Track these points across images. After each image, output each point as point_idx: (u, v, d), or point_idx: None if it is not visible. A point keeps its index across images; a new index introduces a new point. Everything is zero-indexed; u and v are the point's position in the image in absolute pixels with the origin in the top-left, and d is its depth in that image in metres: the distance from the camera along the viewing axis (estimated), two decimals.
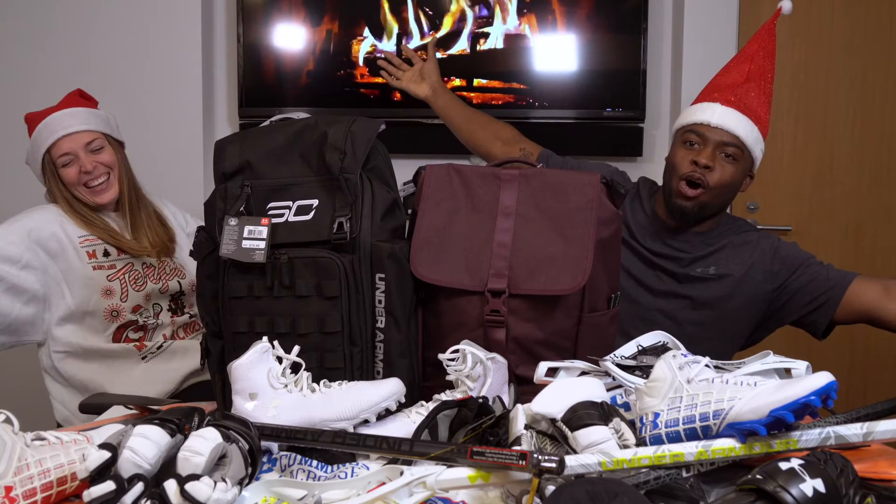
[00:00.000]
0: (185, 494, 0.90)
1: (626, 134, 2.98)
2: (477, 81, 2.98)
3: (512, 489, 1.01)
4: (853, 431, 1.06)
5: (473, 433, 1.13)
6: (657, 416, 1.08)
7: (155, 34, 2.97)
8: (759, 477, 0.88)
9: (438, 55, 2.93)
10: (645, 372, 1.25)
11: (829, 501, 0.86)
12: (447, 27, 2.96)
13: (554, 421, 1.07)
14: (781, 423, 1.01)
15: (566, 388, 1.12)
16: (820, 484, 0.87)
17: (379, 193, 1.36)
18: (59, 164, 1.93)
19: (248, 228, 1.33)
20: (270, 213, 1.35)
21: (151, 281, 1.96)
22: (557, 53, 2.97)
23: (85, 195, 1.94)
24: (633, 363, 1.31)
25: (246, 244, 1.32)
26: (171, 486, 0.91)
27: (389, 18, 2.97)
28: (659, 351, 1.33)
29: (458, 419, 1.16)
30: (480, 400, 1.19)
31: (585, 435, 1.03)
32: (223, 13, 3.08)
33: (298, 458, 1.12)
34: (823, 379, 1.02)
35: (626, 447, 1.04)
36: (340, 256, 1.31)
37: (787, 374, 1.20)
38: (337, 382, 1.24)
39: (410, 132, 2.84)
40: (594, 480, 0.93)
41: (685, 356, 1.14)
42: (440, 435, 1.14)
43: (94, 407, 1.53)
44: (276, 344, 1.25)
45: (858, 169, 2.99)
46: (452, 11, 2.95)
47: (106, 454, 0.94)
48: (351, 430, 1.16)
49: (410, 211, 1.47)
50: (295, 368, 1.24)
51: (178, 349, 1.98)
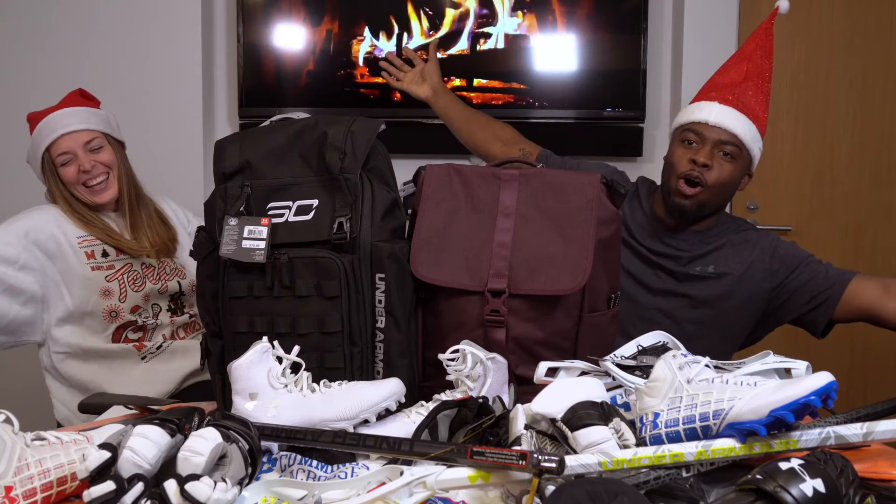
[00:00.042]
0: (185, 494, 0.90)
1: (625, 134, 2.98)
2: (477, 81, 2.98)
3: (512, 489, 1.01)
4: (853, 431, 1.06)
5: (473, 433, 1.13)
6: (657, 416, 1.08)
7: (155, 34, 2.97)
8: (759, 477, 0.88)
9: (439, 55, 2.93)
10: (645, 372, 1.25)
11: (829, 501, 0.86)
12: (447, 27, 2.96)
13: (554, 421, 1.07)
14: (781, 423, 1.01)
15: (566, 388, 1.12)
16: (820, 484, 0.87)
17: (379, 193, 1.36)
18: (58, 162, 1.93)
19: (248, 228, 1.33)
20: (270, 213, 1.35)
21: (150, 281, 1.96)
22: (557, 53, 2.97)
23: (84, 194, 1.94)
24: (633, 363, 1.31)
25: (246, 244, 1.32)
26: (171, 486, 0.91)
27: (389, 18, 2.97)
28: (659, 351, 1.33)
29: (458, 419, 1.16)
30: (480, 400, 1.19)
31: (585, 435, 1.03)
32: (223, 13, 3.08)
33: (298, 458, 1.12)
34: (823, 379, 1.02)
35: (626, 447, 1.04)
36: (340, 256, 1.31)
37: (787, 374, 1.20)
38: (337, 382, 1.24)
39: (410, 132, 2.84)
40: (594, 480, 0.93)
41: (685, 356, 1.14)
42: (440, 435, 1.14)
43: (93, 407, 1.53)
44: (276, 344, 1.25)
45: (858, 169, 2.99)
46: (452, 12, 2.96)
47: (106, 454, 0.94)
48: (351, 430, 1.16)
49: (410, 211, 1.47)
50: (295, 368, 1.24)
51: (177, 349, 1.98)
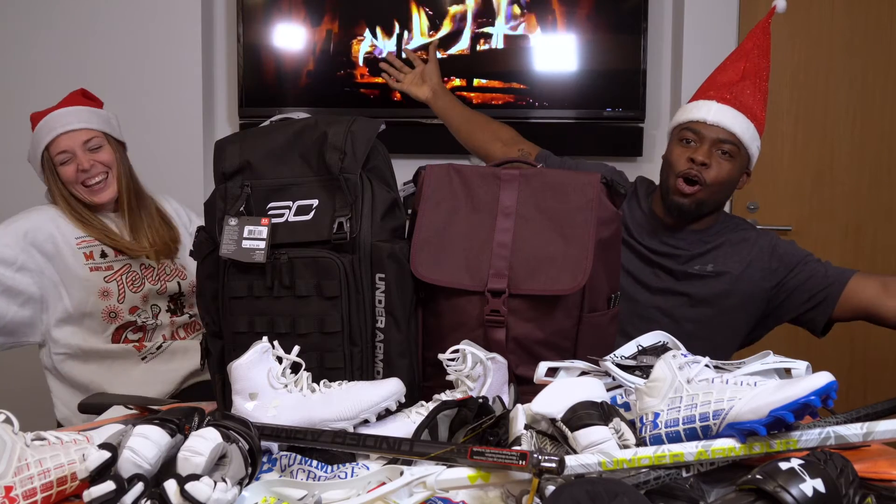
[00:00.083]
0: (185, 494, 0.90)
1: (626, 134, 2.98)
2: (477, 81, 2.98)
3: (512, 489, 1.01)
4: (853, 431, 1.06)
5: (473, 433, 1.13)
6: (657, 416, 1.08)
7: (155, 34, 2.97)
8: (759, 477, 0.88)
9: (438, 55, 2.93)
10: (645, 372, 1.25)
11: (829, 501, 0.86)
12: (447, 27, 2.96)
13: (554, 421, 1.07)
14: (781, 423, 1.01)
15: (566, 388, 1.12)
16: (820, 484, 0.87)
17: (379, 193, 1.36)
18: (56, 161, 1.92)
19: (248, 228, 1.33)
20: (270, 213, 1.35)
21: (149, 282, 1.96)
22: (557, 53, 2.97)
23: (83, 194, 1.93)
24: (633, 363, 1.31)
25: (246, 244, 1.32)
26: (171, 486, 0.91)
27: (389, 18, 2.97)
28: (659, 351, 1.33)
29: (458, 419, 1.15)
30: (480, 400, 1.19)
31: (585, 435, 1.03)
32: (223, 13, 3.08)
33: (298, 458, 1.12)
34: (823, 379, 1.02)
35: (626, 447, 1.04)
36: (340, 256, 1.31)
37: (787, 374, 1.20)
38: (337, 382, 1.24)
39: (410, 132, 2.84)
40: (594, 480, 0.93)
41: (685, 356, 1.14)
42: (440, 435, 1.14)
43: (93, 407, 1.53)
44: (276, 344, 1.25)
45: (858, 169, 2.99)
46: (452, 11, 2.96)
47: (106, 454, 0.94)
48: (351, 430, 1.16)
49: (410, 211, 1.47)
50: (295, 368, 1.24)
51: (177, 349, 1.97)
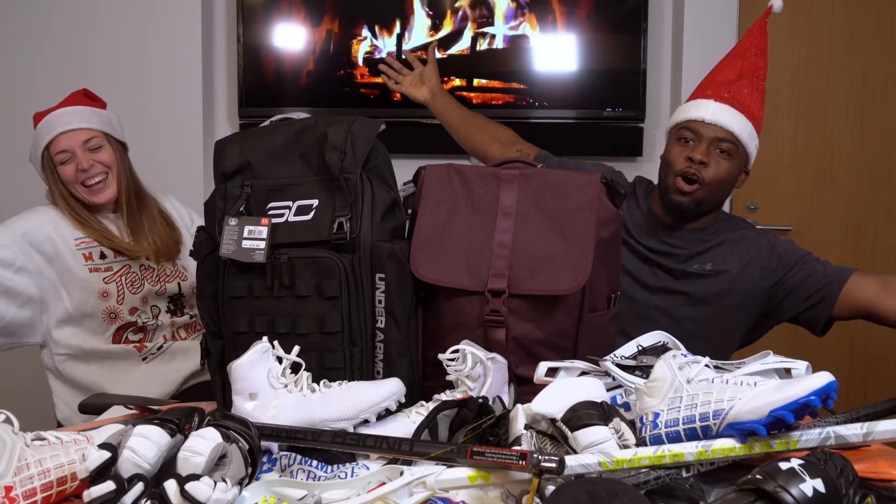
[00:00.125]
0: (185, 494, 0.90)
1: (625, 134, 2.98)
2: (477, 81, 2.98)
3: (512, 489, 1.01)
4: (853, 431, 1.06)
5: (473, 433, 1.13)
6: (657, 416, 1.08)
7: (155, 34, 2.97)
8: (759, 477, 0.88)
9: (438, 55, 2.94)
10: (645, 372, 1.25)
11: (829, 501, 0.86)
12: (447, 27, 2.96)
13: (554, 421, 1.07)
14: (781, 423, 1.01)
15: (566, 388, 1.12)
16: (820, 484, 0.87)
17: (379, 193, 1.36)
18: (56, 161, 1.92)
19: (248, 228, 1.33)
20: (270, 213, 1.35)
21: (149, 283, 1.95)
22: (557, 53, 2.97)
23: (82, 194, 1.93)
24: (633, 363, 1.31)
25: (246, 244, 1.32)
26: (171, 486, 0.91)
27: (389, 18, 2.97)
28: (659, 351, 1.33)
29: (458, 419, 1.15)
30: (480, 400, 1.19)
31: (585, 435, 1.03)
32: (223, 13, 3.08)
33: (298, 458, 1.12)
34: (823, 379, 1.02)
35: (626, 447, 1.04)
36: (340, 256, 1.31)
37: (787, 374, 1.20)
38: (337, 382, 1.24)
39: (410, 132, 2.84)
40: (594, 480, 0.93)
41: (685, 356, 1.14)
42: (440, 435, 1.14)
43: (93, 407, 1.53)
44: (276, 344, 1.25)
45: (858, 169, 2.99)
46: (452, 11, 2.96)
47: (106, 454, 0.94)
48: (351, 430, 1.16)
49: (410, 211, 1.47)
50: (295, 368, 1.24)
51: (178, 350, 1.97)
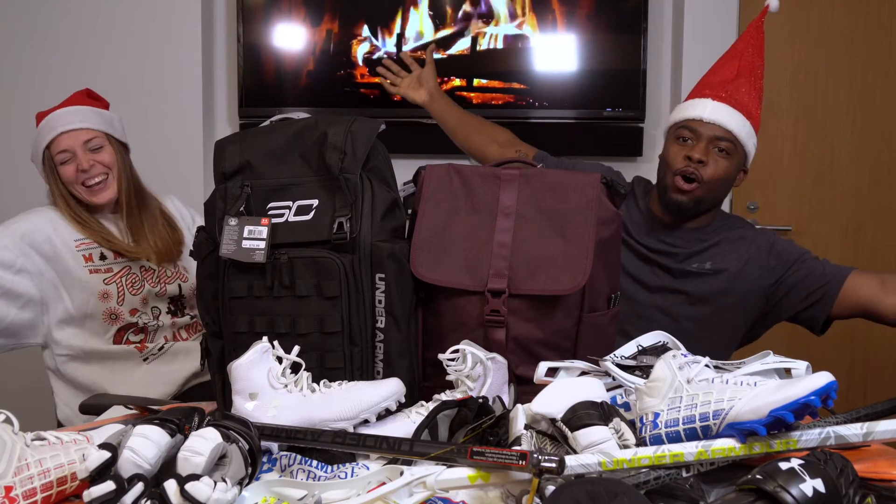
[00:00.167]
0: (185, 494, 0.90)
1: (625, 134, 2.98)
2: (477, 81, 2.98)
3: (512, 489, 1.01)
4: (853, 431, 1.06)
5: (473, 433, 1.13)
6: (657, 416, 1.08)
7: (155, 34, 2.97)
8: (759, 477, 0.88)
9: (439, 55, 2.94)
10: (645, 372, 1.25)
11: (829, 501, 0.86)
12: (448, 27, 2.96)
13: (554, 421, 1.07)
14: (781, 423, 1.01)
15: (566, 388, 1.12)
16: (820, 484, 0.87)
17: (379, 193, 1.36)
18: (57, 161, 1.92)
19: (248, 228, 1.33)
20: (270, 213, 1.35)
21: (149, 284, 1.95)
22: (557, 53, 2.97)
23: (82, 194, 1.93)
24: (633, 363, 1.31)
25: (246, 244, 1.32)
26: (171, 486, 0.91)
27: (389, 18, 2.97)
28: (659, 351, 1.33)
29: (458, 419, 1.16)
30: (480, 400, 1.19)
31: (585, 435, 1.03)
32: (223, 13, 3.08)
33: (298, 458, 1.12)
34: (823, 379, 1.02)
35: (626, 447, 1.04)
36: (340, 256, 1.31)
37: (787, 374, 1.20)
38: (337, 382, 1.24)
39: (410, 132, 2.84)
40: (594, 480, 0.93)
41: (685, 356, 1.14)
42: (440, 435, 1.14)
43: (94, 408, 1.53)
44: (276, 344, 1.25)
45: (858, 169, 2.99)
46: (453, 11, 2.96)
47: (106, 454, 0.94)
48: (351, 430, 1.16)
49: (410, 211, 1.47)
50: (295, 368, 1.24)
51: (179, 350, 1.97)
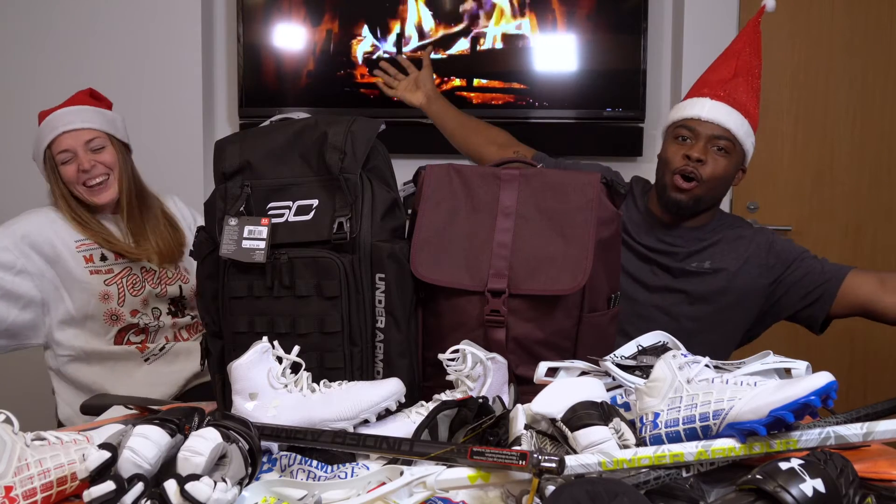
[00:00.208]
0: (185, 494, 0.90)
1: (625, 134, 2.98)
2: (477, 81, 2.98)
3: (512, 489, 1.01)
4: (853, 431, 1.06)
5: (473, 433, 1.13)
6: (657, 416, 1.08)
7: (155, 34, 2.97)
8: (759, 477, 0.88)
9: (439, 56, 2.94)
10: (645, 372, 1.25)
11: (829, 501, 0.86)
12: (448, 27, 2.96)
13: (554, 421, 1.07)
14: (781, 423, 1.01)
15: (566, 388, 1.12)
16: (820, 484, 0.87)
17: (379, 193, 1.36)
18: (58, 160, 1.91)
19: (248, 228, 1.33)
20: (270, 213, 1.35)
21: (150, 285, 1.94)
22: (557, 53, 2.97)
23: (83, 194, 1.92)
24: (633, 363, 1.31)
25: (246, 244, 1.32)
26: (171, 486, 0.91)
27: (389, 18, 2.97)
28: (659, 351, 1.33)
29: (458, 419, 1.16)
30: (480, 400, 1.19)
31: (585, 435, 1.03)
32: (223, 13, 3.08)
33: (298, 458, 1.12)
34: (823, 379, 1.02)
35: (626, 447, 1.04)
36: (340, 256, 1.31)
37: (787, 374, 1.20)
38: (337, 382, 1.24)
39: (410, 132, 2.83)
40: (594, 480, 0.93)
41: (685, 356, 1.14)
42: (440, 435, 1.14)
43: (94, 408, 1.53)
44: (276, 344, 1.25)
45: (858, 169, 2.99)
46: (453, 11, 2.95)
47: (106, 454, 0.94)
48: (351, 430, 1.16)
49: (410, 211, 1.47)
50: (295, 368, 1.24)
51: (180, 351, 1.97)
